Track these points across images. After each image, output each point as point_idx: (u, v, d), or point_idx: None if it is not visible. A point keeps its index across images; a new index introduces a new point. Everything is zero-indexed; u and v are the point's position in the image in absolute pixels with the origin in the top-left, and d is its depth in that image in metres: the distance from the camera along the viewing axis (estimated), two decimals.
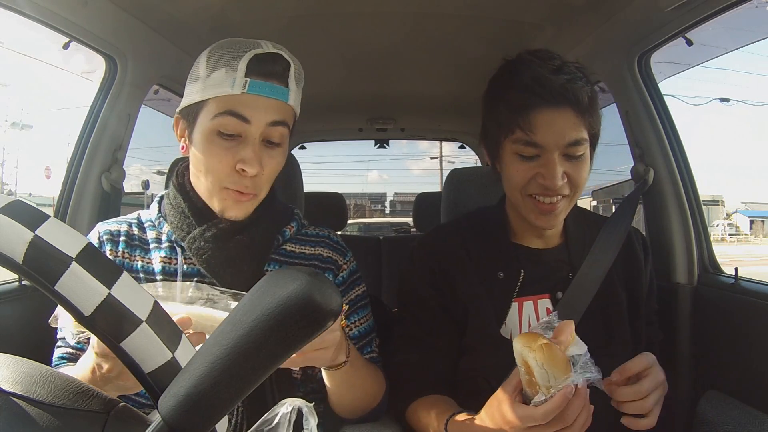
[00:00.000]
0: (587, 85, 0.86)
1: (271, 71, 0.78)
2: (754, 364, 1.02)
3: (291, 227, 0.90)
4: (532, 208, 0.89)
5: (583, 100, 0.84)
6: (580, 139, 0.85)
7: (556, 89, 0.83)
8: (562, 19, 1.28)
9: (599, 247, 0.96)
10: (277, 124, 0.78)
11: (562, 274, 0.95)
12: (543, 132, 0.84)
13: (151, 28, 1.23)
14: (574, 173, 0.87)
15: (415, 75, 1.85)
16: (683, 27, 1.10)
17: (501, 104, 0.88)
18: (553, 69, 0.85)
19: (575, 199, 0.91)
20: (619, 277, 0.96)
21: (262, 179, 0.79)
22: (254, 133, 0.77)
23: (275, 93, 0.78)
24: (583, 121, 0.85)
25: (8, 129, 16.68)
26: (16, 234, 0.35)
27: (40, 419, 0.35)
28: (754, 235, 26.50)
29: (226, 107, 0.76)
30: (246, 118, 0.76)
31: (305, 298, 0.32)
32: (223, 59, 0.77)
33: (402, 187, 29.66)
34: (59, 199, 1.26)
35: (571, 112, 0.84)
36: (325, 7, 1.29)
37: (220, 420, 0.34)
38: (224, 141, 0.77)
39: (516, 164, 0.88)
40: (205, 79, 0.78)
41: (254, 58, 0.77)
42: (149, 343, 0.36)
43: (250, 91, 0.76)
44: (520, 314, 0.91)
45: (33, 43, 1.51)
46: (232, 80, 0.76)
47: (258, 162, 0.77)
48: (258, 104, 0.77)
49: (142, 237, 0.87)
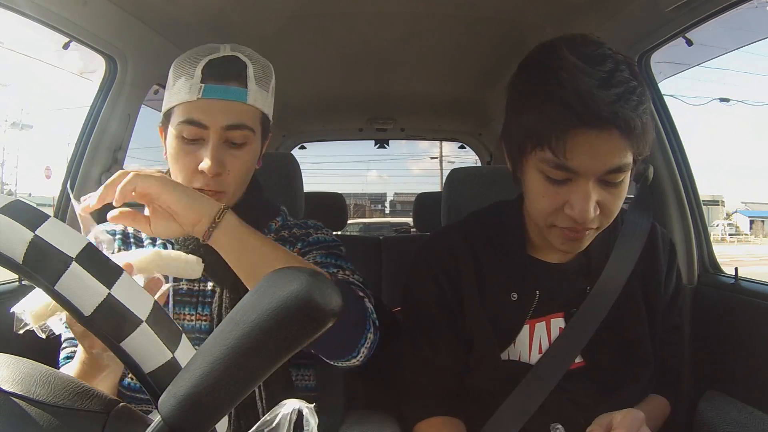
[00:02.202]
0: (643, 97, 0.69)
1: (226, 74, 0.79)
2: (754, 364, 1.01)
3: (276, 221, 0.92)
4: (557, 234, 0.77)
5: (635, 124, 0.67)
6: (622, 165, 0.70)
7: (604, 110, 0.66)
8: (562, 19, 1.28)
9: (617, 255, 0.86)
10: (236, 127, 0.79)
11: (580, 288, 0.85)
12: (579, 157, 0.69)
13: (151, 28, 1.23)
14: (609, 203, 0.73)
15: (415, 75, 1.85)
16: (683, 27, 1.10)
17: (533, 111, 0.72)
18: (603, 79, 0.67)
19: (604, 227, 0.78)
20: (640, 285, 0.87)
21: (228, 178, 0.81)
22: (212, 136, 0.79)
23: (230, 95, 0.79)
24: (630, 145, 0.69)
25: (8, 129, 16.69)
26: (16, 234, 0.35)
27: (40, 419, 0.35)
28: (754, 235, 26.49)
29: (185, 115, 0.79)
30: (203, 124, 0.78)
31: (305, 298, 0.32)
32: (184, 68, 0.80)
33: (402, 187, 29.68)
34: (59, 199, 1.26)
35: (618, 136, 0.68)
36: (324, 7, 1.29)
37: (220, 420, 0.34)
38: (187, 146, 0.80)
39: (541, 186, 0.74)
40: (171, 87, 0.81)
41: (209, 63, 0.79)
42: (149, 343, 0.36)
43: (204, 95, 0.78)
44: (531, 335, 0.85)
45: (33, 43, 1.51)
46: (189, 87, 0.78)
47: (217, 163, 0.78)
48: (214, 108, 0.78)
49: (137, 235, 0.90)
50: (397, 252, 2.12)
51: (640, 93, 0.69)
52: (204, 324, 0.83)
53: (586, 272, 0.86)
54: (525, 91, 0.75)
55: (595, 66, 0.68)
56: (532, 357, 0.84)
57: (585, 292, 0.84)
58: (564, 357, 0.83)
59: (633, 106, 0.68)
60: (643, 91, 0.70)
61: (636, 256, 0.86)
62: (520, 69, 0.77)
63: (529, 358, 0.84)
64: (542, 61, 0.73)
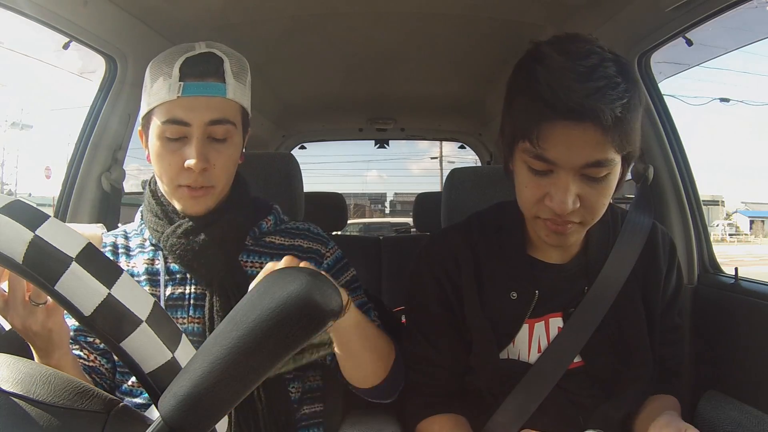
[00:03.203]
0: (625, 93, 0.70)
1: (204, 70, 0.80)
2: (754, 364, 1.01)
3: (268, 220, 0.91)
4: (541, 226, 0.78)
5: (606, 118, 0.67)
6: (603, 160, 0.71)
7: (576, 103, 0.68)
8: (562, 19, 1.28)
9: (615, 255, 0.86)
10: (218, 122, 0.81)
11: (578, 289, 0.85)
12: (555, 148, 0.71)
13: (151, 28, 1.23)
14: (591, 198, 0.74)
15: (415, 75, 1.85)
16: (683, 27, 1.10)
17: (516, 106, 0.76)
18: (581, 73, 0.69)
19: (590, 225, 0.79)
20: (639, 283, 0.87)
21: (213, 173, 0.81)
22: (195, 132, 0.79)
23: (210, 90, 0.80)
24: (609, 140, 0.70)
25: (8, 129, 16.67)
26: (16, 234, 0.35)
27: (40, 419, 0.35)
28: (754, 235, 26.50)
29: (166, 115, 0.79)
30: (185, 121, 0.79)
31: (305, 298, 0.32)
32: (160, 68, 0.81)
33: (402, 187, 29.60)
34: (59, 199, 1.26)
35: (593, 129, 0.69)
36: (325, 7, 1.29)
37: (220, 420, 0.34)
38: (171, 144, 0.80)
39: (525, 176, 0.76)
40: (150, 89, 0.82)
41: (186, 61, 0.80)
42: (149, 343, 0.36)
43: (184, 93, 0.79)
44: (530, 335, 0.85)
45: (33, 43, 1.51)
46: (168, 86, 0.79)
47: (202, 158, 0.79)
48: (194, 105, 0.79)
49: (127, 245, 0.90)
50: (397, 252, 2.12)
51: (624, 90, 0.70)
52: (197, 327, 0.83)
53: (585, 272, 0.86)
54: (511, 87, 0.78)
55: (577, 61, 0.70)
56: (532, 356, 0.85)
57: (583, 293, 0.85)
58: (563, 356, 0.83)
59: (610, 100, 0.68)
60: (630, 88, 0.71)
61: (635, 258, 0.87)
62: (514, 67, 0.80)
63: (528, 358, 0.85)
64: (526, 57, 0.76)
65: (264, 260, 0.87)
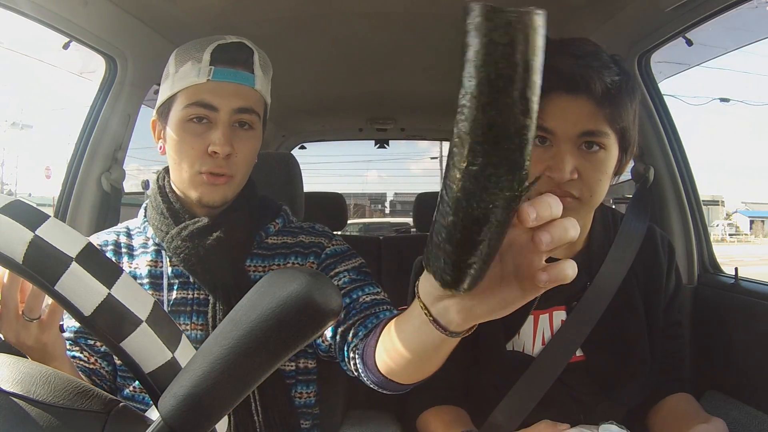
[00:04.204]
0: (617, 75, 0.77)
1: (235, 58, 0.80)
2: (754, 364, 1.02)
3: (276, 224, 0.89)
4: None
5: (598, 89, 0.75)
6: (595, 131, 0.77)
7: (568, 74, 0.76)
8: (561, 19, 1.28)
9: (614, 252, 0.90)
10: (245, 111, 0.80)
11: (581, 283, 0.88)
12: (554, 118, 0.77)
13: (151, 28, 1.23)
14: (588, 171, 0.78)
15: (415, 75, 1.85)
16: (683, 27, 1.10)
17: None
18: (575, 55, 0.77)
19: (589, 205, 0.82)
20: (639, 283, 0.91)
21: (236, 161, 0.80)
22: (222, 117, 0.79)
23: (240, 78, 0.80)
24: (601, 112, 0.77)
25: (8, 129, 16.67)
26: (16, 234, 0.35)
27: (40, 419, 0.35)
28: (754, 235, 26.49)
29: (193, 98, 0.79)
30: (213, 105, 0.78)
31: (305, 298, 0.32)
32: (189, 53, 0.80)
33: (402, 187, 29.56)
34: (59, 199, 1.26)
35: (587, 101, 0.77)
36: (324, 7, 1.29)
37: (220, 420, 0.34)
38: (195, 127, 0.79)
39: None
40: (174, 75, 0.81)
41: (218, 47, 0.80)
42: (149, 343, 0.36)
43: (215, 78, 0.78)
44: (535, 327, 0.87)
45: (33, 43, 1.51)
46: (197, 70, 0.78)
47: (228, 143, 0.78)
48: (224, 90, 0.79)
49: (129, 244, 0.88)
50: (396, 252, 2.11)
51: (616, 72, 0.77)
52: (200, 333, 0.82)
53: (588, 268, 0.89)
54: None
55: (572, 47, 0.78)
56: (536, 349, 0.87)
57: (586, 287, 0.88)
58: (565, 349, 0.85)
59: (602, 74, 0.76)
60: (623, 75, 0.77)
61: (633, 253, 0.90)
62: None
63: (532, 350, 0.87)
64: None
65: (267, 263, 0.86)
